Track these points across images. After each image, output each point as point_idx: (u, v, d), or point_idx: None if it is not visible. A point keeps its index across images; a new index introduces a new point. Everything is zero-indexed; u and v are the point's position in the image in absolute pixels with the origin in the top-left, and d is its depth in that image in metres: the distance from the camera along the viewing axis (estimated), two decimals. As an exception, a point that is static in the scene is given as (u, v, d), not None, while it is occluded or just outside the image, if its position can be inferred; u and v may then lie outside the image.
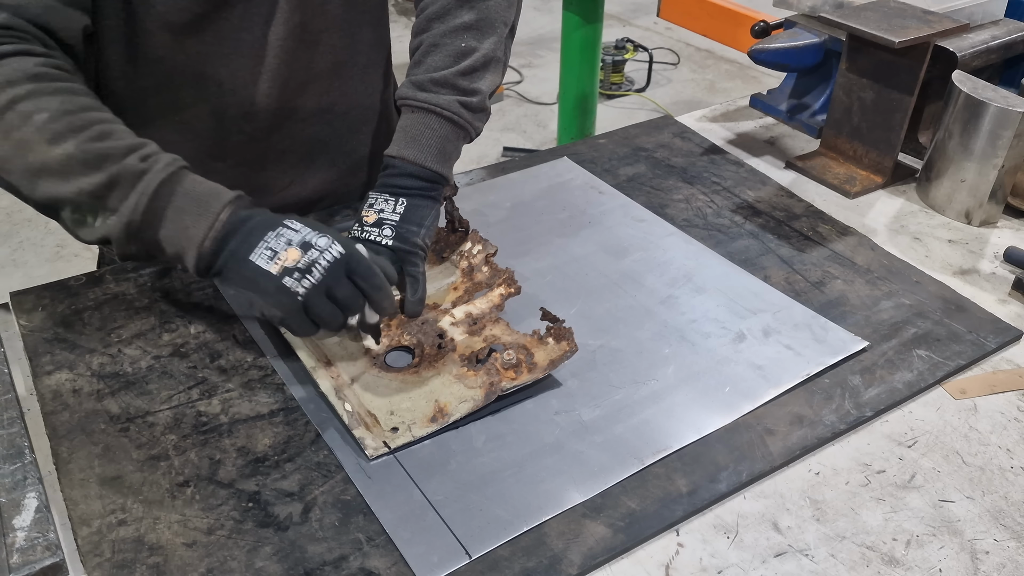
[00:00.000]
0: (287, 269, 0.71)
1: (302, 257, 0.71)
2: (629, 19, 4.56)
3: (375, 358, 0.82)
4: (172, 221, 0.72)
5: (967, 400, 0.81)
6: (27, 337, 0.85)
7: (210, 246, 0.72)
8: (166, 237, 0.73)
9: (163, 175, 0.72)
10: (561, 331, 0.80)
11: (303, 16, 0.91)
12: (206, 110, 0.92)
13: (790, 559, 0.66)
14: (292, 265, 0.71)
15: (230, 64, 0.90)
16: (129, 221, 0.72)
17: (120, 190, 0.72)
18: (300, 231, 0.73)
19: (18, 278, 0.83)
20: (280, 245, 0.72)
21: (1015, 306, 0.94)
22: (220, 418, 0.76)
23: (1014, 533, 0.68)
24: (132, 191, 0.71)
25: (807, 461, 0.74)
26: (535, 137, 3.44)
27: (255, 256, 0.71)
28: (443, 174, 0.91)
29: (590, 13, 2.54)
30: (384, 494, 0.69)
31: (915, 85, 1.08)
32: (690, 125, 1.30)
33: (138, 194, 0.71)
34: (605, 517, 0.68)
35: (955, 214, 1.08)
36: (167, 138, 0.92)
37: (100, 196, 0.72)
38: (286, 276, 0.71)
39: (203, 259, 0.73)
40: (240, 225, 0.73)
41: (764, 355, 0.84)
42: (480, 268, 0.91)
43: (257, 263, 0.71)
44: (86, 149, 0.71)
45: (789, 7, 1.30)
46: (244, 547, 0.65)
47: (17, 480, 0.69)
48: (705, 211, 1.08)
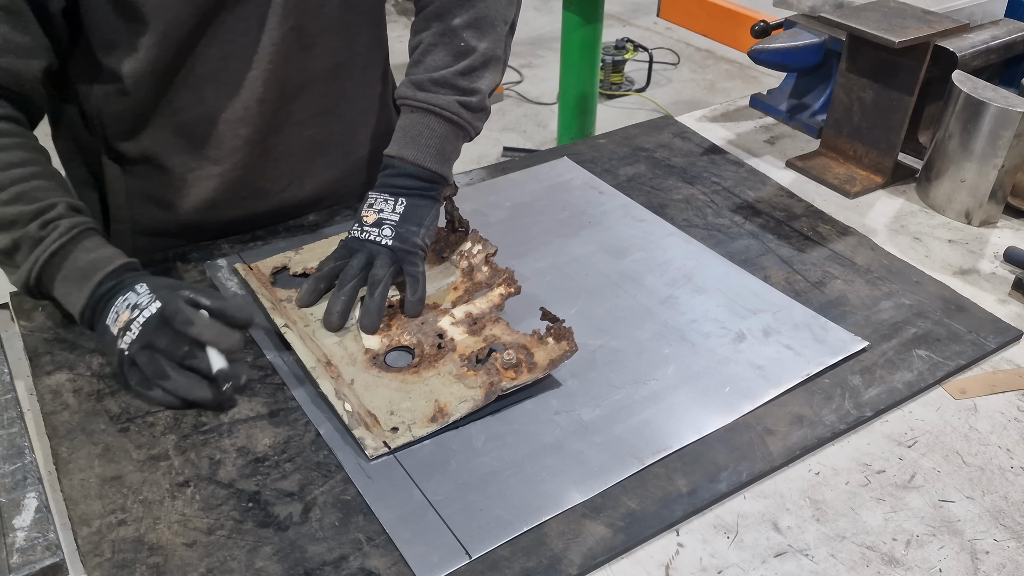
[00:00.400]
0: (120, 329, 0.76)
1: (129, 317, 0.76)
2: (629, 19, 4.56)
3: (375, 358, 0.82)
4: (60, 286, 0.79)
5: (967, 400, 0.81)
6: (27, 337, 0.85)
7: (88, 313, 0.79)
8: (59, 297, 0.80)
9: (56, 245, 0.78)
10: (561, 331, 0.80)
11: (299, 19, 0.90)
12: (202, 114, 0.92)
13: (790, 559, 0.66)
14: (123, 325, 0.76)
15: (225, 68, 0.89)
16: (27, 281, 0.79)
17: (22, 253, 0.79)
18: (140, 294, 0.77)
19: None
20: (122, 308, 0.77)
21: (1015, 306, 0.94)
22: (220, 418, 0.76)
23: (1014, 533, 0.68)
24: (29, 256, 0.78)
25: (807, 461, 0.74)
26: (535, 137, 3.44)
27: (108, 320, 0.77)
28: (442, 174, 0.91)
29: (590, 13, 2.54)
30: (384, 494, 0.69)
31: (915, 85, 1.08)
32: (690, 125, 1.30)
33: (32, 260, 0.78)
34: (605, 517, 0.68)
35: (955, 214, 1.08)
36: (164, 141, 0.93)
37: (8, 254, 0.79)
38: (119, 336, 0.76)
39: (85, 321, 0.79)
40: (106, 294, 0.78)
41: (764, 355, 0.84)
42: (480, 268, 0.91)
43: (109, 326, 0.77)
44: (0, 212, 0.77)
45: (789, 7, 1.30)
46: (244, 547, 0.65)
47: (17, 480, 0.69)
48: (705, 211, 1.08)
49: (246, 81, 0.91)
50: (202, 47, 0.87)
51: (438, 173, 0.91)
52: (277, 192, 1.02)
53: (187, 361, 0.75)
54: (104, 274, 0.78)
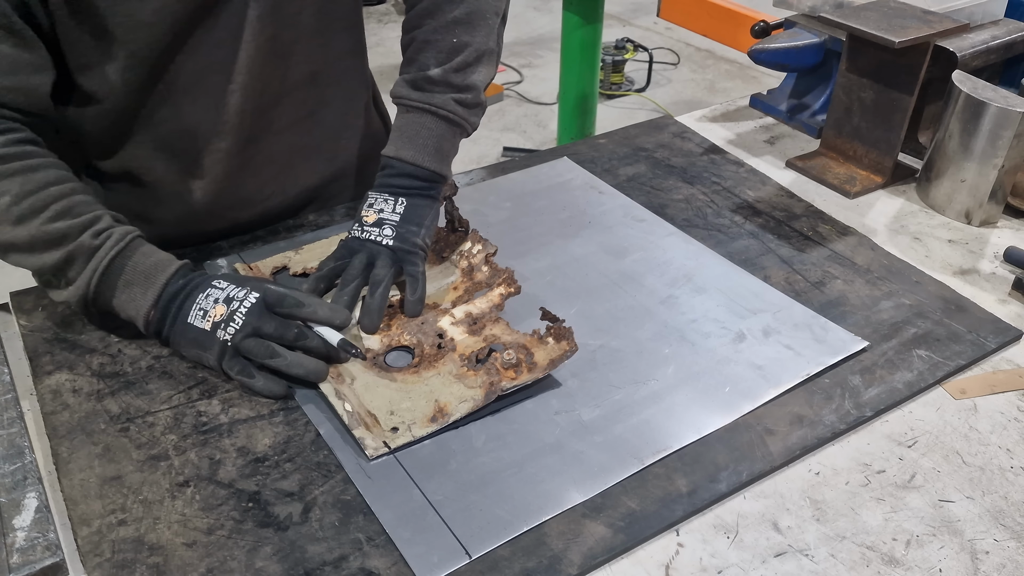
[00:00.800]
0: (217, 323, 0.77)
1: (227, 310, 0.77)
2: (629, 19, 4.56)
3: (375, 358, 0.82)
4: (123, 292, 0.80)
5: (967, 400, 0.81)
6: (27, 337, 0.85)
7: (156, 315, 0.80)
8: (119, 305, 0.81)
9: (114, 252, 0.79)
10: (561, 330, 0.80)
11: (275, 29, 0.90)
12: (181, 128, 0.91)
13: (790, 559, 0.66)
14: (221, 319, 0.77)
15: (201, 81, 0.88)
16: (85, 293, 0.80)
17: (77, 265, 0.79)
18: (225, 288, 0.79)
19: (18, 278, 0.82)
20: (209, 304, 0.78)
21: (1015, 306, 0.94)
22: (220, 418, 0.76)
23: (1014, 533, 0.68)
24: (86, 267, 0.79)
25: (807, 461, 0.74)
26: (535, 137, 3.44)
27: (192, 318, 0.78)
28: (441, 173, 0.91)
29: (590, 13, 2.54)
30: (384, 494, 0.69)
31: (915, 85, 1.08)
32: (690, 125, 1.30)
33: (91, 270, 0.79)
34: (605, 517, 0.68)
35: (955, 214, 1.08)
36: (143, 157, 0.92)
37: (60, 269, 0.79)
38: (217, 329, 0.77)
39: (151, 325, 0.80)
40: (179, 293, 0.80)
41: (764, 355, 0.84)
42: (480, 268, 0.91)
43: (193, 323, 0.78)
44: (47, 230, 0.77)
45: (789, 7, 1.30)
46: (244, 547, 0.65)
47: (17, 480, 0.69)
48: (705, 211, 1.08)
49: (224, 93, 0.90)
50: (178, 62, 0.86)
51: (437, 172, 0.90)
52: (261, 201, 1.02)
53: (298, 342, 0.78)
54: (169, 275, 0.80)
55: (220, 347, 0.77)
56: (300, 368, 0.77)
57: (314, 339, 0.79)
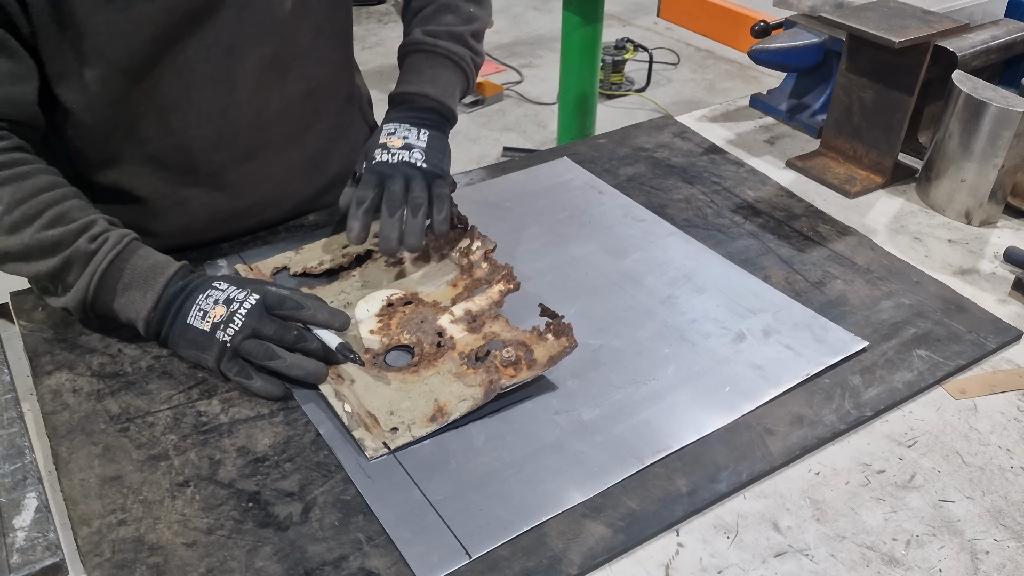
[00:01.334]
0: (216, 324, 0.77)
1: (226, 311, 0.77)
2: (629, 19, 4.56)
3: (375, 358, 0.82)
4: (122, 296, 0.80)
5: (967, 400, 0.81)
6: (27, 337, 0.85)
7: (156, 316, 0.79)
8: (118, 309, 0.80)
9: (111, 255, 0.79)
10: (560, 327, 0.80)
11: (276, 47, 0.90)
12: (171, 143, 0.90)
13: (790, 559, 0.66)
14: (220, 320, 0.77)
15: (191, 97, 0.88)
16: (83, 298, 0.79)
17: (74, 271, 0.79)
18: (225, 290, 0.79)
19: (18, 278, 0.82)
20: (209, 305, 0.78)
21: (1015, 306, 0.94)
22: (220, 418, 0.76)
23: (1014, 533, 0.68)
24: (84, 272, 0.79)
25: (807, 461, 0.74)
26: (535, 137, 3.44)
27: (191, 319, 0.78)
28: (455, 115, 0.99)
29: (590, 13, 2.53)
30: (384, 494, 0.69)
31: (915, 85, 1.08)
32: (690, 125, 1.30)
33: (89, 275, 0.79)
34: (605, 517, 0.68)
35: (955, 214, 1.09)
36: (134, 172, 0.92)
37: (58, 276, 0.79)
38: (216, 330, 0.77)
39: (151, 327, 0.80)
40: (178, 294, 0.80)
41: (764, 355, 0.84)
42: (479, 264, 0.91)
43: (192, 324, 0.78)
44: (41, 237, 0.77)
45: (789, 7, 1.30)
46: (244, 547, 0.65)
47: (17, 480, 0.69)
48: (705, 211, 1.08)
49: (219, 109, 0.89)
50: (164, 76, 0.84)
51: (454, 112, 0.97)
52: (256, 214, 1.02)
53: (298, 344, 0.78)
54: (168, 276, 0.80)
55: (219, 348, 0.77)
56: (299, 370, 0.77)
57: (314, 341, 0.79)
